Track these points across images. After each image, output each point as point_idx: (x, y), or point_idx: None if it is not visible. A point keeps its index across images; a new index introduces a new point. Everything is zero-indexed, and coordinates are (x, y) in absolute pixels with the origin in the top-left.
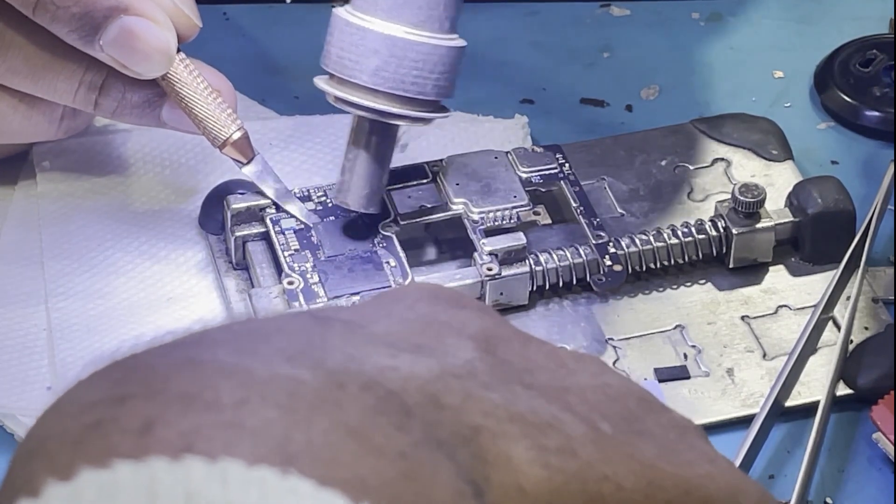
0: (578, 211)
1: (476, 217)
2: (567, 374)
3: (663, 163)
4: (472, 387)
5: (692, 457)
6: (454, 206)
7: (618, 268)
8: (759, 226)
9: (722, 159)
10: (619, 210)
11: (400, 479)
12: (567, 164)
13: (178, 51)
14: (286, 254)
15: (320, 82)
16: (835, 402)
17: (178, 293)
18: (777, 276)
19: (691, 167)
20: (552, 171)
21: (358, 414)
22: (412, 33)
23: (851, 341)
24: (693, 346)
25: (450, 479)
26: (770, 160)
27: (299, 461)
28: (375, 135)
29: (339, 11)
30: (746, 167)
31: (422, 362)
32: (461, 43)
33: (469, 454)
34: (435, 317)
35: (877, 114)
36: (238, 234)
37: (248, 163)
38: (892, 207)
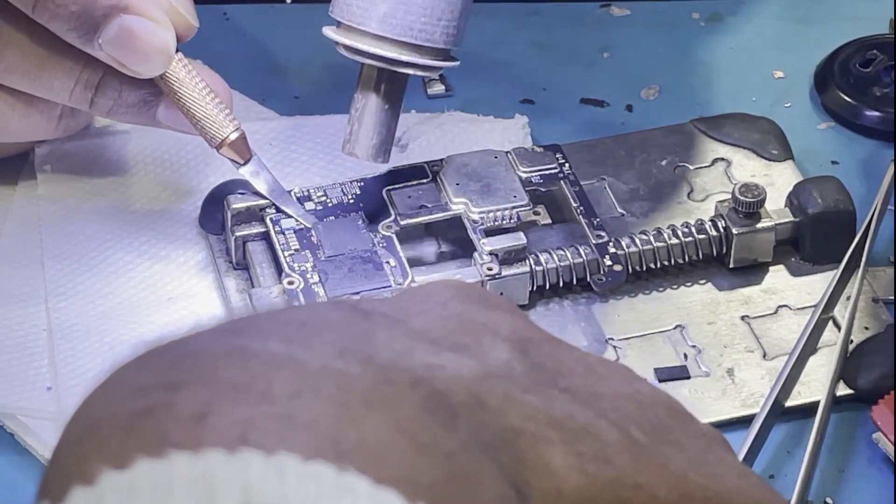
0: (578, 211)
1: (476, 217)
2: (597, 380)
3: (663, 162)
4: (512, 389)
5: (722, 469)
6: (454, 206)
7: (618, 268)
8: (759, 226)
9: (722, 159)
10: (620, 210)
11: (449, 480)
12: (567, 164)
13: (177, 51)
14: (286, 254)
15: (328, 31)
16: (835, 402)
17: (178, 293)
18: (777, 276)
19: (691, 167)
20: (552, 171)
21: (407, 412)
22: None
23: (851, 341)
24: (693, 346)
25: (495, 481)
26: (770, 160)
27: (353, 458)
28: (384, 83)
29: None
30: (746, 167)
31: (463, 362)
32: None
33: (510, 457)
34: (469, 316)
35: (877, 114)
36: (238, 233)
37: (246, 163)
38: (892, 207)
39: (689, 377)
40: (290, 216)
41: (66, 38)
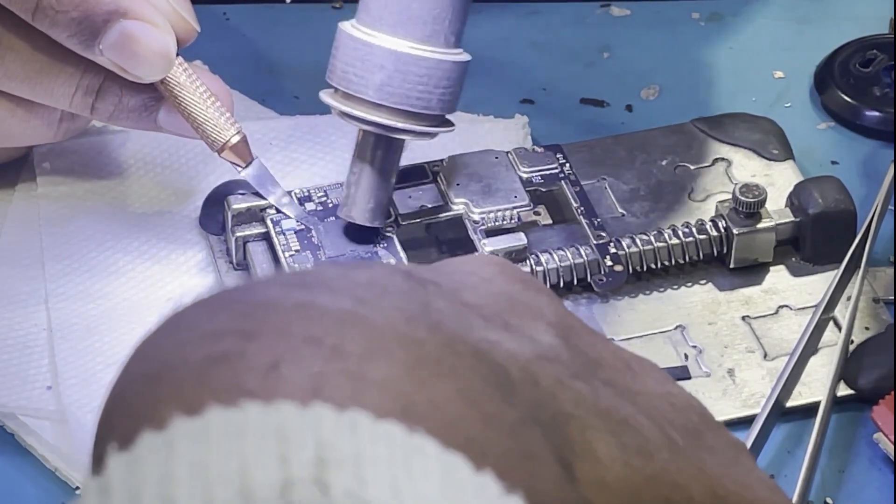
0: (579, 211)
1: (477, 217)
2: (634, 377)
3: (664, 162)
4: (562, 373)
5: (752, 480)
6: (455, 207)
7: (618, 268)
8: (759, 226)
9: (722, 159)
10: (620, 210)
11: (513, 453)
12: (567, 164)
13: (177, 55)
14: (287, 254)
15: (325, 97)
16: (835, 403)
17: (178, 293)
18: (778, 276)
19: (692, 167)
20: (552, 171)
21: (472, 381)
22: (417, 48)
23: (852, 341)
24: (694, 347)
25: (552, 460)
26: (771, 160)
27: (423, 421)
28: (380, 149)
29: (345, 26)
30: (747, 167)
31: (515, 341)
32: (466, 58)
33: (560, 440)
34: (515, 296)
35: (877, 114)
36: (239, 234)
37: (247, 166)
38: (893, 208)
39: (689, 377)
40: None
41: (66, 45)
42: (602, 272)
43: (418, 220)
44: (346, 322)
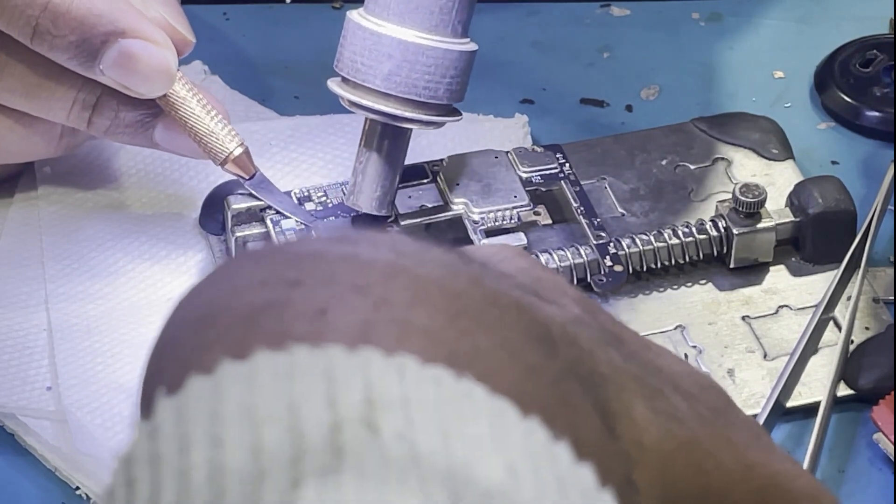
0: (579, 211)
1: (476, 217)
2: (655, 355)
3: (664, 162)
4: (595, 338)
5: (775, 454)
6: (454, 207)
7: (618, 268)
8: (759, 226)
9: (723, 158)
10: (620, 210)
11: (557, 404)
12: (567, 164)
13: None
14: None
15: (333, 85)
16: (835, 403)
17: (178, 293)
18: (778, 276)
19: (692, 167)
20: (552, 171)
21: (515, 333)
22: (424, 38)
23: (852, 341)
24: (694, 347)
25: (594, 414)
26: (771, 159)
27: (469, 367)
28: (387, 138)
29: (353, 15)
30: (747, 166)
31: (549, 306)
32: (473, 47)
33: (598, 399)
34: (538, 274)
35: (877, 114)
36: (238, 234)
37: (251, 178)
38: (893, 207)
39: None
40: (290, 216)
41: (67, 66)
42: (602, 272)
43: (418, 220)
44: (391, 272)
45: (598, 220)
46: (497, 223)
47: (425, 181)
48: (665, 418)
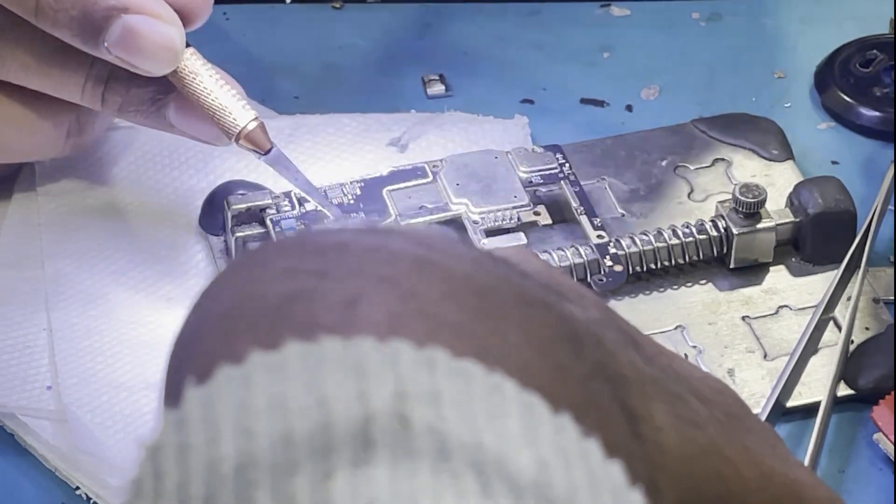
0: (579, 211)
1: (476, 217)
2: (671, 360)
3: (664, 163)
4: (617, 340)
5: (791, 462)
6: (454, 207)
7: (618, 268)
8: (759, 226)
9: (722, 159)
10: (620, 210)
11: (585, 403)
12: (567, 165)
13: (188, 45)
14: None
15: None
16: (835, 403)
17: (178, 293)
18: (778, 276)
19: (692, 167)
20: (552, 172)
21: (543, 331)
22: None
23: (852, 341)
24: (694, 347)
25: (620, 415)
26: (771, 160)
27: (499, 363)
28: None
29: None
30: (747, 167)
31: (574, 306)
32: None
33: (624, 400)
34: (555, 275)
35: (877, 114)
36: (238, 234)
37: (267, 153)
38: (893, 207)
39: None
40: (290, 216)
41: (72, 43)
42: (602, 272)
43: (418, 220)
44: (419, 265)
45: (598, 220)
46: (497, 223)
47: (425, 181)
48: (685, 423)
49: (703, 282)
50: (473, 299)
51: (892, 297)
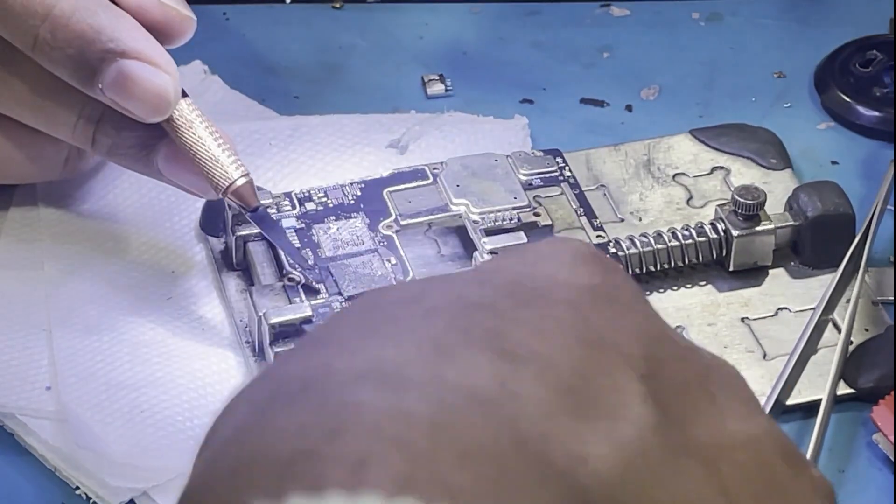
0: (579, 213)
1: (476, 218)
2: (719, 421)
3: (662, 171)
4: (646, 481)
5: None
6: (454, 208)
7: None
8: (758, 228)
9: (721, 167)
10: (619, 215)
11: None
12: (567, 168)
13: (185, 94)
14: (287, 252)
15: None
16: (835, 403)
17: (178, 293)
18: (777, 279)
19: (690, 175)
20: (552, 174)
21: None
22: None
23: (851, 342)
24: None
25: None
26: (769, 168)
27: None
28: None
29: None
30: (745, 175)
31: (591, 437)
32: None
33: None
34: (594, 333)
35: (877, 114)
36: (239, 234)
37: (253, 211)
38: (892, 208)
39: None
40: (290, 216)
41: (68, 81)
42: None
43: (418, 220)
44: (434, 429)
45: (598, 221)
46: (497, 223)
47: (426, 183)
48: None
49: (703, 283)
50: (486, 468)
51: (892, 299)
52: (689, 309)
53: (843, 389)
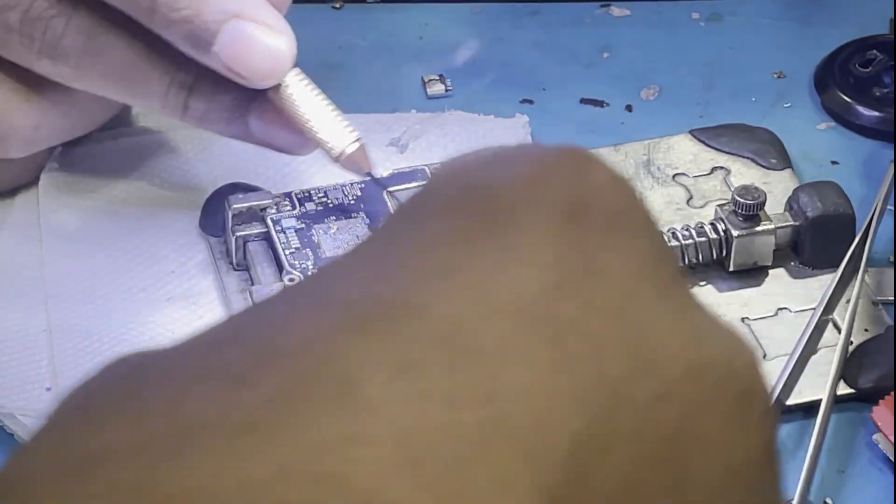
0: None
1: None
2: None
3: (662, 171)
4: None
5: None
6: None
7: None
8: (758, 228)
9: (721, 168)
10: None
11: None
12: None
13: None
14: (287, 252)
15: None
16: (835, 403)
17: (178, 293)
18: (777, 279)
19: (690, 176)
20: None
21: None
22: None
23: (851, 342)
24: None
25: None
26: (769, 168)
27: None
28: None
29: None
30: (745, 175)
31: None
32: None
33: None
34: (580, 262)
35: (877, 114)
36: (239, 234)
37: (368, 176)
38: (892, 208)
39: None
40: (291, 216)
41: (181, 48)
42: None
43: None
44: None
45: None
46: None
47: (425, 183)
48: None
49: (703, 283)
50: None
51: (892, 299)
52: None
53: (843, 389)
